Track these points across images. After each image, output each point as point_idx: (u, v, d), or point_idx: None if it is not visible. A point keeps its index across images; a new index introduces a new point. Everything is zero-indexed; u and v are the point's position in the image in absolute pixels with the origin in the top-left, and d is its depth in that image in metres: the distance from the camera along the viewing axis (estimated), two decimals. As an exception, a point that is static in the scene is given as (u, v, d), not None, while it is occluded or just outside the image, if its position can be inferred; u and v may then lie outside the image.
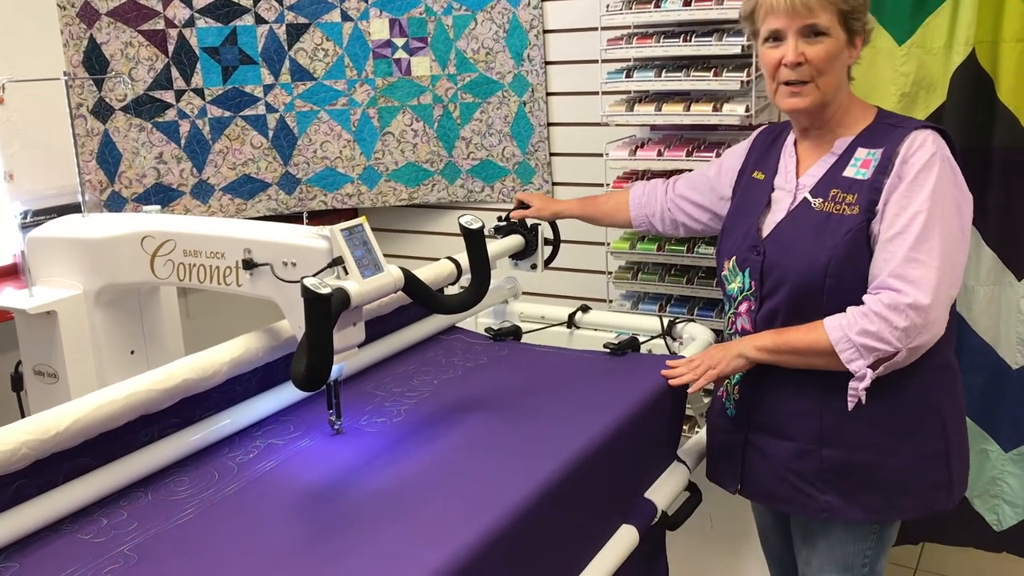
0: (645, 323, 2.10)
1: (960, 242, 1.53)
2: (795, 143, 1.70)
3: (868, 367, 1.48)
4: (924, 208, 1.48)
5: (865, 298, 1.51)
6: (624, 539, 1.49)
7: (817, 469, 1.60)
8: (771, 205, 1.68)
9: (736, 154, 1.86)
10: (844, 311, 1.52)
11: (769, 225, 1.65)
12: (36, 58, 2.67)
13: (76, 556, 1.14)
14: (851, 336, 1.48)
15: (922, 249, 1.47)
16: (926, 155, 1.50)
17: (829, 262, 1.53)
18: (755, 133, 1.84)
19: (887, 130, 1.58)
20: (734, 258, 1.68)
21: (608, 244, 2.53)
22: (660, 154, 2.41)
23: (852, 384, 1.50)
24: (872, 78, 2.26)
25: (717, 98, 2.33)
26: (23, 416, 1.72)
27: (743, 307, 1.67)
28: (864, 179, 1.54)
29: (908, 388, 1.55)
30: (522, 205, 2.19)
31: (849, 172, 1.57)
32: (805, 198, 1.61)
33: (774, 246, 1.61)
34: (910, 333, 1.46)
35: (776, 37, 1.56)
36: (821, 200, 1.58)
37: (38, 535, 1.19)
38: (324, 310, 1.23)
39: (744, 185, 1.78)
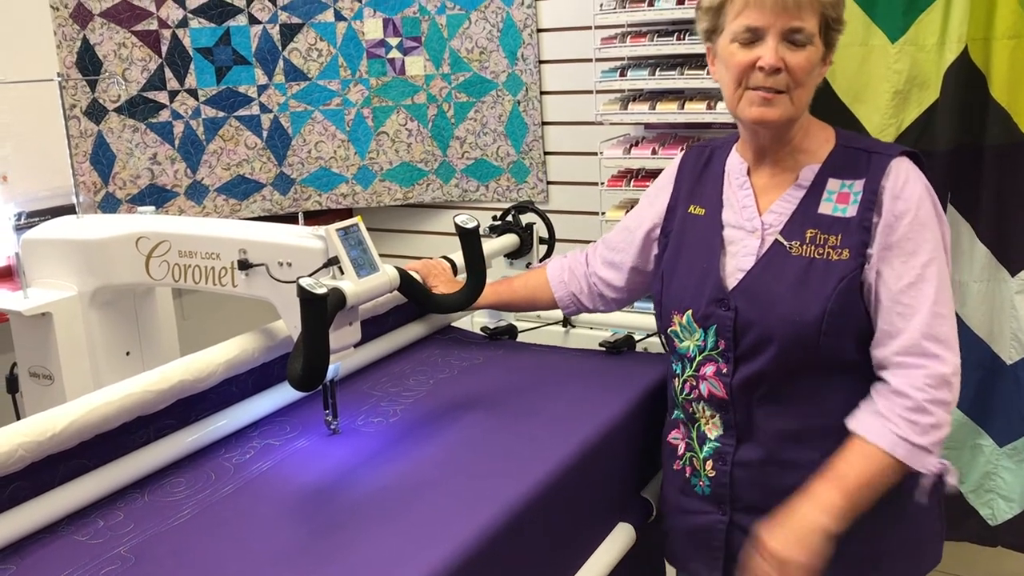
0: (640, 321, 2.10)
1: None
2: (748, 172, 1.46)
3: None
4: (936, 253, 1.34)
5: (898, 379, 1.31)
6: (621, 537, 1.50)
7: None
8: (725, 247, 1.44)
9: (660, 187, 1.60)
10: (844, 371, 1.35)
11: (734, 273, 1.42)
12: (29, 59, 2.66)
13: (73, 558, 1.14)
14: (918, 442, 1.29)
15: (941, 301, 1.33)
16: (918, 189, 1.35)
17: (823, 316, 1.33)
18: (677, 160, 1.60)
19: (856, 156, 1.39)
20: (688, 312, 1.44)
21: (603, 242, 2.53)
22: (655, 152, 2.41)
23: (924, 481, 1.33)
24: (865, 76, 2.26)
25: (711, 96, 2.34)
26: (18, 418, 1.72)
27: (708, 369, 1.43)
28: (847, 217, 1.36)
29: None
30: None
31: (825, 208, 1.37)
32: (777, 240, 1.39)
33: (747, 299, 1.39)
34: (955, 400, 1.32)
35: (751, 36, 1.34)
36: (798, 243, 1.37)
37: (35, 537, 1.18)
38: (320, 310, 1.23)
39: (679, 223, 1.52)
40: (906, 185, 1.35)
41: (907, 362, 1.32)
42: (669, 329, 1.49)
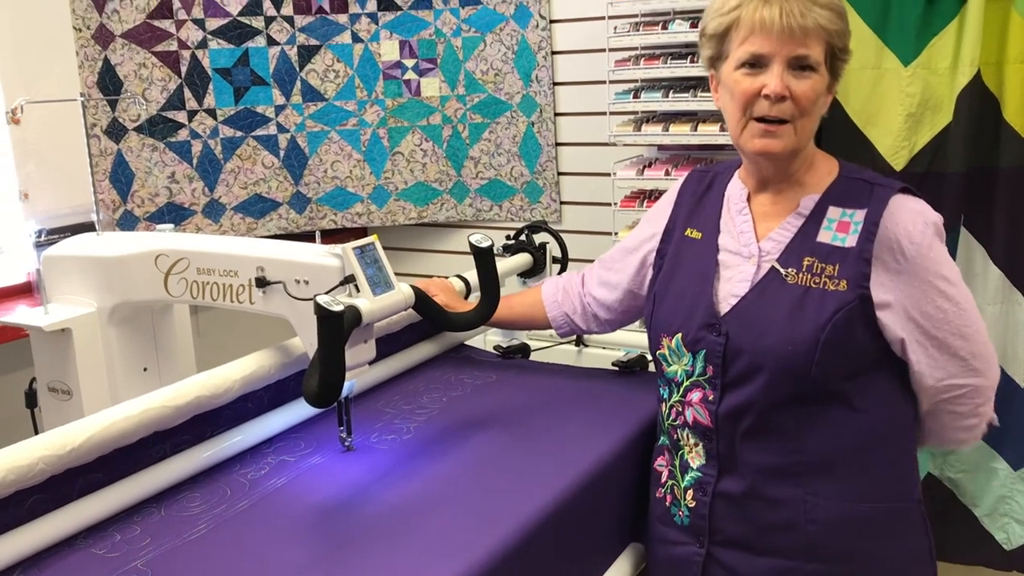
0: (653, 341, 2.10)
1: None
2: (747, 199, 1.45)
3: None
4: (955, 281, 1.36)
5: (945, 402, 1.41)
6: (632, 558, 1.50)
7: None
8: (719, 272, 1.42)
9: (660, 210, 1.59)
10: (831, 405, 1.34)
11: (727, 298, 1.39)
12: (51, 79, 2.71)
13: (90, 571, 1.15)
14: (969, 437, 1.45)
15: (970, 322, 1.36)
16: (931, 228, 1.34)
17: (817, 346, 1.30)
18: (679, 183, 1.59)
19: (859, 186, 1.37)
20: (678, 336, 1.42)
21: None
22: (668, 174, 2.43)
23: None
24: (878, 99, 2.27)
25: (723, 118, 2.35)
26: (37, 433, 1.73)
27: (695, 396, 1.40)
28: (846, 247, 1.33)
29: (891, 482, 1.40)
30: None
31: (824, 237, 1.35)
32: (774, 268, 1.36)
33: (740, 325, 1.36)
34: (992, 405, 1.43)
35: (756, 63, 1.32)
36: (794, 271, 1.35)
37: (53, 550, 1.20)
38: (337, 327, 1.25)
39: (675, 246, 1.51)
40: (916, 226, 1.33)
41: (952, 384, 1.39)
42: (658, 352, 1.47)
